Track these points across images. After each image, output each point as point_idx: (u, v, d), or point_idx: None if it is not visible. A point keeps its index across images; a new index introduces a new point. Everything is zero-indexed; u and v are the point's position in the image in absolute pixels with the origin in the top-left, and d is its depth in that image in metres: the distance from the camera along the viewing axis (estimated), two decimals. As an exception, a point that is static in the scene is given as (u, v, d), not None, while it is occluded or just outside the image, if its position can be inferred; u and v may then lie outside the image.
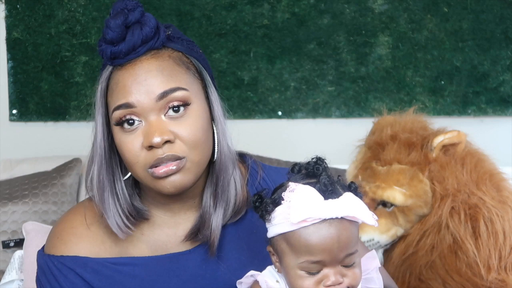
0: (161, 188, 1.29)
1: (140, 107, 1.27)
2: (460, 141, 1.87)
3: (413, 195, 1.84)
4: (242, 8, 2.48)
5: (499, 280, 1.79)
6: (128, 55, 1.28)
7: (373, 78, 2.50)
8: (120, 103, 1.27)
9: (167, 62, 1.30)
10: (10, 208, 2.14)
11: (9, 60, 2.54)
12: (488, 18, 2.45)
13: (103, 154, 1.32)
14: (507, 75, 2.48)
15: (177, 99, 1.27)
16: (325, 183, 1.19)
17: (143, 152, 1.27)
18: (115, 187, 1.34)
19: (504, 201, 1.86)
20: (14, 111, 2.56)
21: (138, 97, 1.26)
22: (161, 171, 1.27)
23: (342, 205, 1.17)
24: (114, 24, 1.28)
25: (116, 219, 1.32)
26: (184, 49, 1.34)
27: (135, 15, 1.29)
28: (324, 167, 1.23)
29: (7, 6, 2.51)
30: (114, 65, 1.30)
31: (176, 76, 1.29)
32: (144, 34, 1.28)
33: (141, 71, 1.28)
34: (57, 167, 2.30)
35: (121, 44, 1.28)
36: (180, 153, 1.27)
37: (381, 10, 2.47)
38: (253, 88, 2.52)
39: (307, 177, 1.23)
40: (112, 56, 1.28)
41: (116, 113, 1.28)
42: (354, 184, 1.23)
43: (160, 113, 1.27)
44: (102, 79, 1.31)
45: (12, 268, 1.98)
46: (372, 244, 1.89)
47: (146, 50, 1.29)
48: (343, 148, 2.09)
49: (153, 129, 1.26)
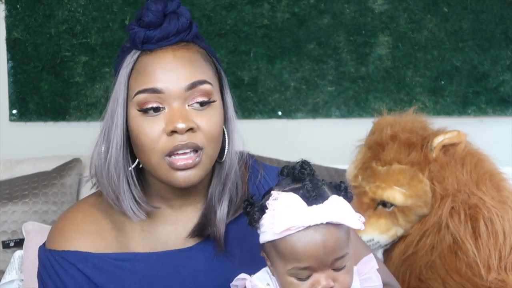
0: (174, 180, 1.30)
1: (167, 94, 1.28)
2: (460, 141, 1.87)
3: (413, 195, 1.84)
4: (242, 8, 2.49)
5: (499, 280, 1.79)
6: (160, 42, 1.30)
7: (373, 78, 2.50)
8: (147, 87, 1.28)
9: (196, 55, 1.32)
10: (10, 208, 2.14)
11: (9, 60, 2.54)
12: (488, 18, 2.45)
13: (122, 136, 1.33)
14: (507, 75, 2.48)
15: (203, 92, 1.30)
16: (308, 189, 1.18)
17: (163, 138, 1.28)
18: (128, 171, 1.34)
19: (504, 201, 1.86)
20: (14, 111, 2.56)
21: (166, 83, 1.28)
22: (180, 162, 1.28)
23: (326, 211, 1.16)
24: (155, 8, 1.29)
25: (130, 203, 1.33)
26: (207, 48, 1.37)
27: (173, 5, 1.31)
28: (309, 172, 1.21)
29: (7, 6, 2.51)
30: (143, 49, 1.31)
31: (205, 70, 1.32)
32: (180, 25, 1.30)
33: (172, 59, 1.30)
34: (57, 167, 2.30)
35: (157, 29, 1.30)
36: (200, 144, 1.29)
37: (381, 10, 2.47)
38: (253, 88, 2.52)
39: (293, 181, 1.22)
40: (145, 40, 1.30)
41: (139, 97, 1.29)
42: (343, 184, 1.23)
43: (185, 102, 1.29)
44: (127, 62, 1.32)
45: (12, 268, 1.98)
46: (372, 244, 1.89)
47: (178, 40, 1.31)
48: (343, 148, 2.09)
49: (177, 115, 1.28)
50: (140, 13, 1.31)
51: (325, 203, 1.17)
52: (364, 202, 1.89)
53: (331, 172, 2.27)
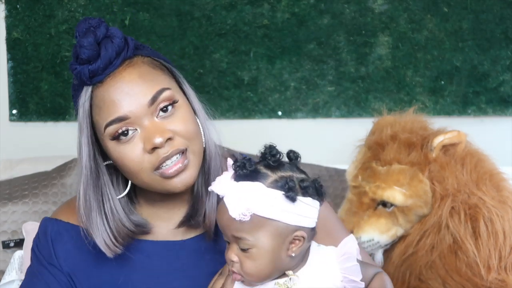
0: (172, 188, 1.34)
1: (133, 117, 1.30)
2: (460, 141, 1.87)
3: (413, 195, 1.84)
4: (242, 8, 2.48)
5: (499, 280, 1.79)
6: (106, 70, 1.31)
7: (373, 78, 2.50)
8: (112, 118, 1.30)
9: (143, 67, 1.34)
10: (10, 208, 2.14)
11: (9, 60, 2.54)
12: (488, 18, 2.45)
13: (89, 174, 1.36)
14: (507, 75, 2.48)
15: (165, 99, 1.32)
16: (237, 164, 1.23)
17: (146, 157, 1.31)
18: (104, 207, 1.37)
19: (504, 201, 1.85)
20: (14, 111, 2.56)
21: (129, 108, 1.30)
22: (170, 170, 1.31)
23: (230, 188, 1.23)
24: (87, 42, 1.30)
25: (104, 238, 1.36)
26: (150, 53, 1.38)
27: (101, 30, 1.32)
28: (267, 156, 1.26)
29: (7, 6, 2.51)
30: (94, 83, 1.32)
31: (157, 78, 1.34)
32: (116, 46, 1.31)
33: (123, 82, 1.31)
34: (57, 167, 2.30)
35: (97, 61, 1.31)
36: (182, 146, 1.32)
37: (381, 10, 2.47)
38: (253, 88, 2.52)
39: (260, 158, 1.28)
40: (91, 75, 1.31)
41: (109, 129, 1.31)
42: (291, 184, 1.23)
43: (152, 116, 1.31)
44: (83, 100, 1.33)
45: (12, 268, 1.98)
46: (372, 244, 1.89)
47: (121, 61, 1.32)
48: (343, 148, 2.09)
49: (152, 132, 1.30)
50: (76, 51, 1.32)
51: (240, 183, 1.23)
52: (364, 202, 1.89)
53: (331, 172, 2.27)
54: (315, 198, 1.26)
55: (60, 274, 1.41)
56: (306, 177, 1.26)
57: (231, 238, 1.25)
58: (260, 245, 1.23)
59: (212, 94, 2.51)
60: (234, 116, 2.52)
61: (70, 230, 1.43)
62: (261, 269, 1.24)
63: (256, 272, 1.24)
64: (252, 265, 1.24)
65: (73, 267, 1.41)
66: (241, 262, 1.24)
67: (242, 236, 1.22)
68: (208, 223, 1.39)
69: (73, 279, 1.41)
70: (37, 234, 1.47)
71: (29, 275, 1.45)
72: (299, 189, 1.23)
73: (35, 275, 1.43)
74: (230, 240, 1.25)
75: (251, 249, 1.23)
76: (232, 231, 1.23)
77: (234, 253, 1.25)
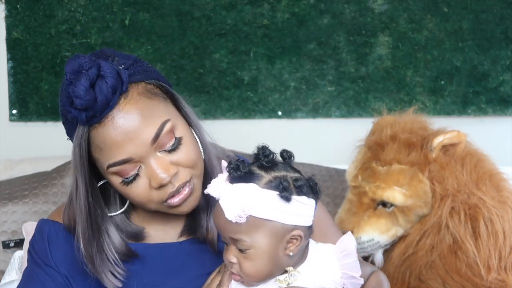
0: (179, 213, 1.35)
1: (137, 157, 1.28)
2: (460, 141, 1.87)
3: (413, 195, 1.84)
4: (242, 8, 2.48)
5: (499, 280, 1.79)
6: (104, 112, 1.26)
7: (373, 78, 2.50)
8: (117, 160, 1.28)
9: (140, 102, 1.29)
10: (10, 208, 2.14)
11: (9, 60, 2.53)
12: (488, 18, 2.45)
13: (87, 212, 1.33)
14: (507, 75, 2.48)
15: (166, 133, 1.29)
16: (231, 166, 1.22)
17: (152, 192, 1.31)
18: (101, 240, 1.35)
19: (504, 201, 1.86)
20: (14, 111, 2.56)
21: (132, 149, 1.27)
22: (177, 200, 1.32)
23: (225, 190, 1.22)
24: (82, 90, 1.24)
25: (109, 276, 1.34)
26: (143, 76, 1.33)
27: (93, 71, 1.26)
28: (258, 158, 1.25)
29: (7, 6, 2.51)
30: (91, 124, 1.28)
31: (155, 111, 1.30)
32: (111, 85, 1.26)
33: (124, 122, 1.27)
34: (57, 167, 2.30)
35: (94, 106, 1.25)
36: (187, 177, 1.32)
37: (381, 10, 2.47)
38: (253, 88, 2.52)
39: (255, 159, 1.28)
40: (88, 119, 1.27)
41: (113, 169, 1.29)
42: (285, 184, 1.22)
43: (155, 152, 1.30)
44: (80, 140, 1.30)
45: (12, 269, 1.98)
46: (372, 244, 1.89)
47: (117, 99, 1.27)
48: (343, 148, 2.09)
49: (156, 169, 1.29)
50: (69, 96, 1.26)
51: (234, 185, 1.22)
52: (364, 202, 1.89)
53: (331, 172, 2.27)
54: (310, 196, 1.25)
55: (56, 275, 1.40)
56: (300, 176, 1.26)
57: (228, 240, 1.25)
58: (258, 246, 1.23)
59: (212, 94, 2.51)
60: (234, 116, 2.52)
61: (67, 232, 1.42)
62: (260, 269, 1.24)
63: (255, 272, 1.24)
64: (251, 266, 1.24)
65: (70, 269, 1.40)
66: (240, 263, 1.24)
67: (240, 237, 1.22)
68: (210, 237, 1.39)
69: (70, 281, 1.40)
70: (33, 236, 1.45)
71: (25, 276, 1.44)
72: (294, 188, 1.23)
73: (31, 276, 1.42)
74: (228, 241, 1.25)
75: (249, 250, 1.23)
76: (229, 233, 1.23)
77: (232, 254, 1.25)
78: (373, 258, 1.92)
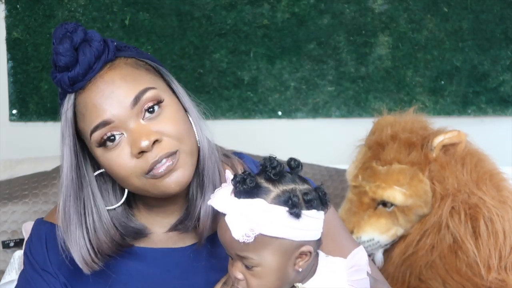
0: (165, 189, 1.29)
1: (117, 120, 1.27)
2: (460, 141, 1.87)
3: (413, 195, 1.84)
4: (242, 8, 2.48)
5: (499, 280, 1.79)
6: (86, 75, 1.28)
7: (373, 78, 2.50)
8: (96, 123, 1.27)
9: (125, 69, 1.30)
10: (10, 208, 2.14)
11: (9, 60, 2.54)
12: (488, 18, 2.45)
13: (70, 185, 1.32)
14: (507, 75, 2.48)
15: (149, 100, 1.28)
16: (237, 180, 1.18)
17: (134, 161, 1.28)
18: (85, 220, 1.33)
19: (504, 201, 1.85)
20: (14, 111, 2.56)
21: (112, 111, 1.26)
22: (161, 170, 1.27)
23: (232, 206, 1.17)
24: (63, 49, 1.26)
25: (83, 253, 1.32)
26: (135, 54, 1.34)
27: (79, 35, 1.28)
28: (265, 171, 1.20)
29: (7, 6, 2.51)
30: (75, 90, 1.29)
31: (140, 78, 1.29)
32: (95, 50, 1.28)
33: (105, 85, 1.27)
34: (57, 167, 2.30)
35: (76, 67, 1.27)
36: (172, 148, 1.28)
37: (381, 10, 2.47)
38: (253, 88, 2.52)
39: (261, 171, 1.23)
40: (71, 82, 1.28)
41: (95, 135, 1.27)
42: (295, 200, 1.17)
43: (138, 118, 1.28)
44: (66, 108, 1.30)
45: (12, 268, 1.98)
46: (372, 244, 1.89)
47: (101, 65, 1.28)
48: (343, 148, 2.09)
49: (137, 135, 1.26)
50: (54, 59, 1.28)
51: (241, 200, 1.17)
52: (364, 202, 1.89)
53: (331, 172, 2.27)
54: (319, 209, 1.21)
55: (55, 282, 1.38)
56: (309, 188, 1.21)
57: (234, 256, 1.20)
58: (266, 263, 1.18)
59: (212, 94, 2.51)
60: (234, 116, 2.52)
61: None
62: (268, 287, 1.21)
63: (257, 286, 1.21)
64: (259, 284, 1.20)
65: (69, 274, 1.37)
66: (246, 279, 1.20)
67: (246, 255, 1.18)
68: (201, 228, 1.35)
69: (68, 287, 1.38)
70: (30, 237, 1.42)
71: (22, 280, 1.41)
72: (303, 203, 1.18)
73: (28, 282, 1.39)
74: (234, 257, 1.21)
75: (256, 267, 1.19)
76: (236, 250, 1.18)
77: (238, 270, 1.21)
78: (373, 258, 1.92)
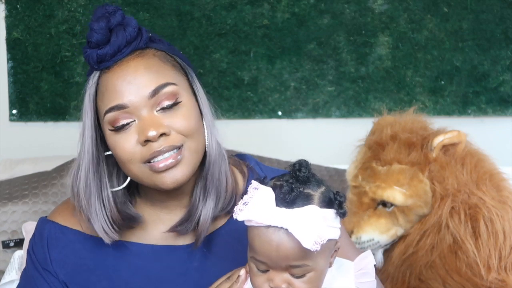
0: (160, 184, 1.30)
1: (132, 106, 1.29)
2: (460, 141, 1.87)
3: (413, 195, 1.84)
4: (242, 8, 2.48)
5: (499, 280, 1.79)
6: (114, 57, 1.31)
7: (373, 78, 2.50)
8: (112, 105, 1.29)
9: (152, 60, 1.32)
10: (10, 208, 2.14)
11: (9, 60, 2.54)
12: (488, 18, 2.45)
13: (90, 159, 1.34)
14: (507, 75, 2.48)
15: (167, 94, 1.30)
16: (283, 190, 1.16)
17: (138, 148, 1.29)
18: (102, 193, 1.35)
19: (504, 201, 1.86)
20: (14, 111, 2.56)
21: (129, 97, 1.29)
22: (161, 165, 1.28)
23: (290, 217, 1.14)
24: (98, 26, 1.30)
25: (102, 224, 1.34)
26: (166, 48, 1.37)
27: (116, 18, 1.32)
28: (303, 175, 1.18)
29: (7, 6, 2.51)
30: (101, 68, 1.32)
31: (164, 72, 1.32)
32: (128, 35, 1.31)
33: (129, 70, 1.30)
34: (57, 167, 2.30)
35: (106, 47, 1.30)
36: (177, 143, 1.29)
37: (381, 10, 2.47)
38: (253, 88, 2.52)
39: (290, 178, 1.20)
40: (99, 60, 1.31)
41: (108, 116, 1.30)
42: (339, 198, 1.19)
43: (152, 109, 1.30)
44: (90, 84, 1.33)
45: (12, 268, 1.98)
46: (372, 244, 1.89)
47: (131, 50, 1.32)
48: (343, 148, 2.09)
49: (147, 124, 1.28)
50: (88, 35, 1.32)
51: (295, 210, 1.15)
52: (364, 202, 1.89)
53: (331, 172, 2.27)
54: None
55: (55, 281, 1.38)
56: (334, 189, 1.23)
57: (282, 268, 1.17)
58: (318, 267, 1.18)
59: (212, 94, 2.50)
60: (234, 116, 2.52)
61: (68, 234, 1.41)
62: None
63: None
64: None
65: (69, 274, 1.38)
66: (293, 286, 1.18)
67: (304, 263, 1.16)
68: (199, 231, 1.36)
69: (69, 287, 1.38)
70: (33, 236, 1.44)
71: (24, 278, 1.43)
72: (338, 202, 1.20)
73: (29, 281, 1.40)
74: (280, 269, 1.17)
75: (309, 273, 1.17)
76: (291, 261, 1.15)
77: (283, 280, 1.17)
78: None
